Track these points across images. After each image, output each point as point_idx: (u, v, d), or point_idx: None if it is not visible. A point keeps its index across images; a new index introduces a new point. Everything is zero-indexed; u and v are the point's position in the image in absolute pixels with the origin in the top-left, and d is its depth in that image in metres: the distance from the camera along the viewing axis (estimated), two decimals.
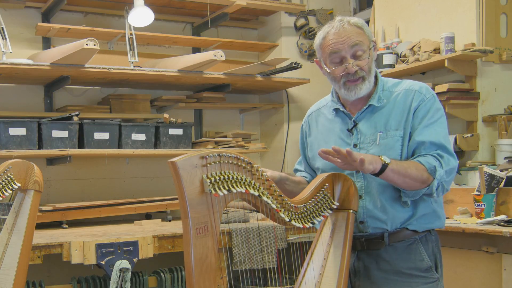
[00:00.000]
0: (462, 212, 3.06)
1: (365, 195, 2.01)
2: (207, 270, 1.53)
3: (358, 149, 2.00)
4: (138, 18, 3.81)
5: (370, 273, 2.01)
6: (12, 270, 2.23)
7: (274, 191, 1.72)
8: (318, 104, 2.23)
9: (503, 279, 2.61)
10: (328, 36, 1.97)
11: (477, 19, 3.45)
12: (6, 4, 3.81)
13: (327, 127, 2.13)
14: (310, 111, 2.25)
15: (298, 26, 4.54)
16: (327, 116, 2.14)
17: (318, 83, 4.44)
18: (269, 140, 4.64)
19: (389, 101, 2.02)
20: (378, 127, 2.00)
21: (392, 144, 1.97)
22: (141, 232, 3.12)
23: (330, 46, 1.97)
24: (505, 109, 3.51)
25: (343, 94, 2.02)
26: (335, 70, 1.98)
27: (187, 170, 1.50)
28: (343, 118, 2.09)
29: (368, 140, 2.00)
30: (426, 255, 2.02)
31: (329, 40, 1.97)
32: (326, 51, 1.98)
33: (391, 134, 1.98)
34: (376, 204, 1.99)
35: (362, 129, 2.02)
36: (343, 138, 2.05)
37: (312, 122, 2.21)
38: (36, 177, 2.37)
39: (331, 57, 1.98)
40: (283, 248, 3.18)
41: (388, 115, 2.00)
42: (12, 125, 3.39)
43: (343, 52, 1.95)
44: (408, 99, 2.00)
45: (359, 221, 2.02)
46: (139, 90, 4.21)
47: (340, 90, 2.02)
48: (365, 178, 2.01)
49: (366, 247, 2.01)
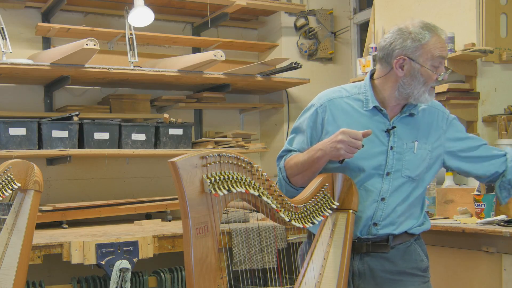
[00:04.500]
0: (462, 212, 3.05)
1: (388, 198, 2.00)
2: (207, 270, 1.53)
3: (394, 152, 2.00)
4: (138, 18, 3.81)
5: (375, 275, 2.02)
6: (12, 270, 2.23)
7: (274, 191, 1.73)
8: (338, 92, 2.09)
9: (503, 279, 2.61)
10: (437, 38, 1.96)
11: (477, 19, 3.45)
12: (6, 4, 3.81)
13: (356, 120, 2.02)
14: (329, 96, 2.08)
15: (298, 26, 4.54)
16: (356, 108, 2.04)
17: (318, 83, 4.44)
18: (269, 140, 4.64)
19: (420, 113, 2.07)
20: (414, 136, 2.03)
21: (425, 156, 2.03)
22: (141, 232, 3.12)
23: (440, 49, 1.96)
24: (505, 109, 3.51)
25: (422, 97, 1.98)
26: (435, 74, 1.97)
27: (187, 170, 1.50)
28: (379, 117, 2.03)
29: (404, 146, 2.01)
30: (424, 255, 2.08)
31: (438, 42, 1.96)
32: (434, 53, 1.95)
33: (423, 146, 2.03)
34: (396, 209, 2.00)
35: (399, 134, 2.01)
36: (379, 137, 2.01)
37: (333, 109, 2.05)
38: (36, 177, 2.37)
39: (435, 60, 1.96)
40: (283, 248, 3.18)
41: (419, 127, 2.05)
42: (12, 125, 3.39)
43: (445, 59, 1.99)
44: (432, 116, 2.08)
45: (372, 223, 2.00)
46: (139, 90, 4.21)
47: (423, 93, 1.98)
48: (392, 182, 2.00)
49: (372, 250, 2.02)
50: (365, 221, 2.01)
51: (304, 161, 1.97)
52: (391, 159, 1.99)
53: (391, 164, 1.99)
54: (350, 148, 1.86)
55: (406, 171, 2.00)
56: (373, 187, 2.00)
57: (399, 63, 1.96)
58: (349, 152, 1.87)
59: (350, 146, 1.86)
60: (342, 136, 1.86)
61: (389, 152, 1.99)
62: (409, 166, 2.00)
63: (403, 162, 2.00)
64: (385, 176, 2.00)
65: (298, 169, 2.00)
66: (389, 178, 2.00)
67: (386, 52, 1.99)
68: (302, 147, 2.06)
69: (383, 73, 2.03)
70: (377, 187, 2.00)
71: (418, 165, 2.01)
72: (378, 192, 1.99)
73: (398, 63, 1.96)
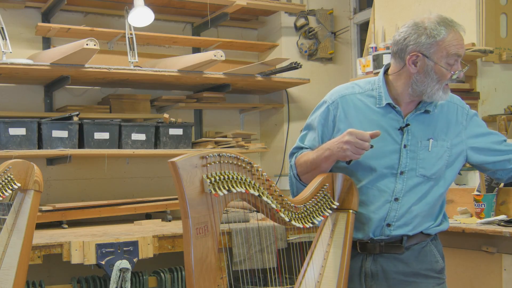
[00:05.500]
0: (462, 212, 3.05)
1: (402, 198, 1.96)
2: (207, 270, 1.53)
3: (407, 150, 1.96)
4: (138, 18, 3.81)
5: (388, 276, 1.99)
6: (12, 270, 2.23)
7: (274, 191, 1.72)
8: (351, 88, 2.06)
9: (503, 279, 2.61)
10: (454, 35, 1.90)
11: (477, 19, 3.45)
12: (6, 4, 3.81)
13: (369, 117, 1.99)
14: (342, 93, 2.04)
15: (298, 26, 4.54)
16: (369, 105, 2.01)
17: (318, 83, 4.45)
18: (269, 140, 4.64)
19: (437, 109, 2.01)
20: (429, 133, 1.98)
21: (441, 153, 1.98)
22: (141, 232, 3.12)
23: (456, 46, 1.89)
24: (505, 109, 3.51)
25: (436, 95, 1.93)
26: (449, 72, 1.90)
27: (187, 170, 1.50)
28: (392, 114, 1.98)
29: (419, 144, 1.96)
30: (439, 256, 2.04)
31: (455, 39, 1.89)
32: (449, 50, 1.89)
33: (440, 144, 1.98)
34: (411, 210, 1.97)
35: (414, 131, 1.97)
36: (392, 135, 1.97)
37: (345, 106, 2.02)
38: (36, 177, 2.37)
39: (450, 58, 1.89)
40: (283, 248, 3.18)
41: (436, 123, 2.00)
42: (12, 125, 3.39)
43: (461, 57, 1.92)
44: (451, 112, 2.03)
45: (386, 224, 1.97)
46: (139, 90, 4.21)
47: (437, 91, 1.92)
48: (406, 181, 1.96)
49: (385, 251, 1.99)
50: (378, 222, 1.97)
51: (313, 160, 1.96)
52: (404, 157, 1.95)
53: (405, 163, 1.95)
54: (356, 149, 1.84)
55: (421, 170, 1.96)
56: (386, 187, 1.96)
57: (412, 60, 1.91)
58: (356, 153, 1.85)
59: (357, 147, 1.84)
60: (349, 137, 1.84)
61: (402, 150, 1.95)
62: (424, 164, 1.96)
63: (417, 160, 1.95)
64: (398, 176, 1.95)
65: (307, 167, 1.99)
66: (403, 177, 1.95)
67: (400, 47, 1.94)
68: (313, 145, 2.04)
69: (396, 69, 1.98)
70: (390, 187, 1.96)
71: (434, 164, 1.96)
72: (391, 192, 1.96)
73: (411, 59, 1.91)
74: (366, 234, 1.99)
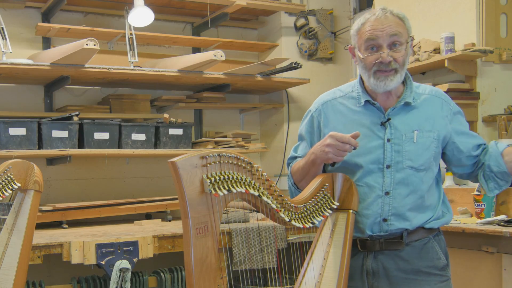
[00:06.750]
0: (462, 212, 3.06)
1: (392, 192, 1.97)
2: (207, 270, 1.53)
3: (391, 144, 1.97)
4: (138, 18, 3.81)
5: (389, 274, 1.99)
6: (12, 270, 2.23)
7: (274, 191, 1.72)
8: (332, 94, 2.12)
9: (503, 279, 2.61)
10: (367, 23, 1.94)
11: (477, 19, 3.45)
12: (6, 4, 3.81)
13: (351, 118, 2.03)
14: (323, 99, 2.12)
15: (298, 26, 4.54)
16: (350, 107, 2.05)
17: (318, 83, 4.45)
18: (269, 140, 4.64)
19: (419, 102, 2.03)
20: (413, 125, 1.99)
21: (428, 144, 1.99)
22: (141, 232, 3.12)
23: (368, 32, 1.92)
24: (505, 109, 3.51)
25: (372, 84, 1.97)
26: (369, 57, 1.93)
27: (187, 170, 1.50)
28: (372, 111, 2.02)
29: (403, 137, 1.98)
30: (442, 253, 2.04)
31: (368, 26, 1.93)
32: (363, 37, 1.94)
33: (426, 135, 1.99)
34: (404, 202, 1.97)
35: (397, 125, 1.99)
36: (375, 131, 1.99)
37: (328, 111, 2.09)
38: (36, 177, 2.36)
39: (367, 44, 1.93)
40: (283, 248, 3.18)
41: (420, 115, 2.01)
42: (12, 125, 3.39)
43: (380, 40, 1.92)
44: (435, 105, 2.04)
45: (382, 219, 1.98)
46: (139, 90, 4.21)
47: (369, 79, 1.96)
48: (393, 174, 1.97)
49: (385, 247, 1.99)
50: (373, 218, 1.98)
51: (303, 166, 2.02)
52: (389, 151, 1.97)
53: (390, 157, 1.97)
54: (338, 152, 1.88)
55: (408, 162, 1.97)
56: (374, 182, 1.98)
57: (351, 53, 2.04)
58: (338, 155, 1.89)
59: (338, 150, 1.87)
60: (330, 140, 1.88)
61: (386, 144, 1.97)
62: (410, 156, 1.97)
63: (403, 153, 1.97)
64: (385, 170, 1.97)
65: (300, 174, 2.05)
66: (389, 171, 1.97)
67: None
68: (305, 153, 2.09)
69: None
70: (379, 182, 1.98)
71: (421, 155, 1.97)
72: (381, 187, 1.97)
73: (351, 52, 2.04)
74: (364, 231, 2.00)
